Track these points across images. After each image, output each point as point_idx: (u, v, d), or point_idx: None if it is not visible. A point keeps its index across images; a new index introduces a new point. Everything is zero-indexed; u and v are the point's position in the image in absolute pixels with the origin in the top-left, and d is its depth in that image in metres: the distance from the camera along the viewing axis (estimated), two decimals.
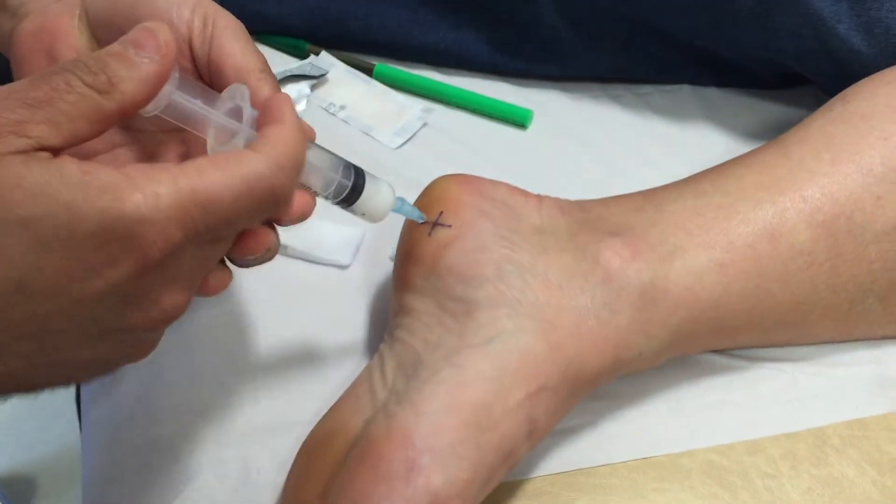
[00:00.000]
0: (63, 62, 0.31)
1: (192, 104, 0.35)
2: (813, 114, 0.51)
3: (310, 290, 0.52)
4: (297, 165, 0.34)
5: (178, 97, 0.35)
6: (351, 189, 0.41)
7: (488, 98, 0.64)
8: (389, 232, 0.55)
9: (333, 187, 0.41)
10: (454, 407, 0.39)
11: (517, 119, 0.63)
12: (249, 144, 0.33)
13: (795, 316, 0.47)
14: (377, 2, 0.65)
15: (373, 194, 0.41)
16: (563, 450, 0.45)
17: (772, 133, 0.63)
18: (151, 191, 0.30)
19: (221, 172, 0.31)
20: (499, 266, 0.43)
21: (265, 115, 0.35)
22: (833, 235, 0.46)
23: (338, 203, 0.42)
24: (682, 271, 0.44)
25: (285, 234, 0.53)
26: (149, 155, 0.42)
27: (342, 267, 0.53)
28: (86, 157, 0.35)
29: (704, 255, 0.45)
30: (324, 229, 0.54)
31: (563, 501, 0.43)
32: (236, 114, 0.36)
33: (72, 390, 0.76)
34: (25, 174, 0.28)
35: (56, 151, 0.30)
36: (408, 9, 0.65)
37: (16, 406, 1.29)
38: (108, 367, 0.34)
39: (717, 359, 0.49)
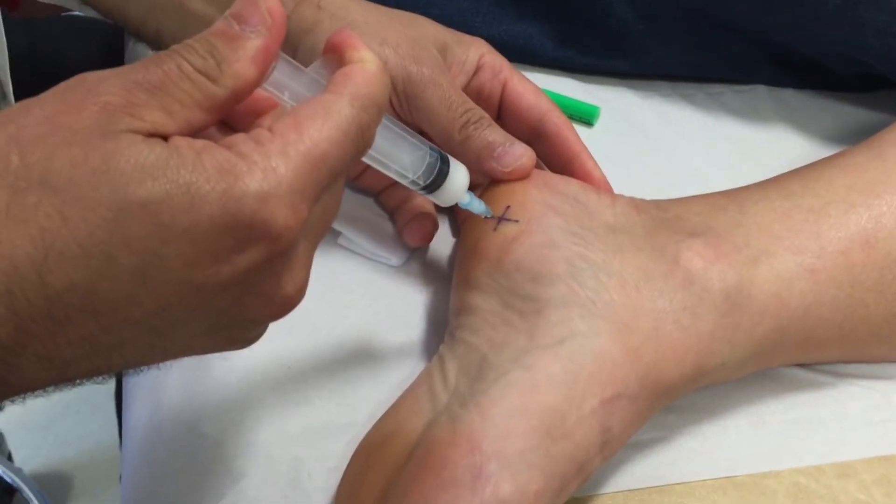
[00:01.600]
0: (175, 45, 0.29)
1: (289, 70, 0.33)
2: None
3: (365, 287, 0.49)
4: (377, 104, 0.31)
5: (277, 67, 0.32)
6: (438, 173, 0.39)
7: (553, 94, 0.61)
8: (448, 226, 0.53)
9: (422, 170, 0.39)
10: (524, 411, 0.36)
11: (584, 116, 0.60)
12: (328, 86, 0.31)
13: (890, 329, 0.44)
14: None
15: (453, 176, 0.40)
16: (636, 465, 0.42)
17: (852, 138, 0.59)
18: (268, 165, 0.28)
19: (318, 125, 0.29)
20: (571, 263, 0.40)
21: (341, 56, 0.32)
22: None
23: (422, 189, 0.40)
24: (770, 276, 0.41)
25: (342, 222, 0.51)
26: None
27: (391, 265, 0.50)
28: None
29: (793, 260, 0.42)
30: (383, 226, 0.51)
31: None
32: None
33: (111, 386, 0.74)
34: (148, 153, 0.26)
35: (168, 139, 0.28)
36: None
37: (53, 403, 1.29)
38: (212, 352, 0.32)
39: (802, 373, 0.46)
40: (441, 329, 0.45)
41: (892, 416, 0.44)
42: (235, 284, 0.28)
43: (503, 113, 0.50)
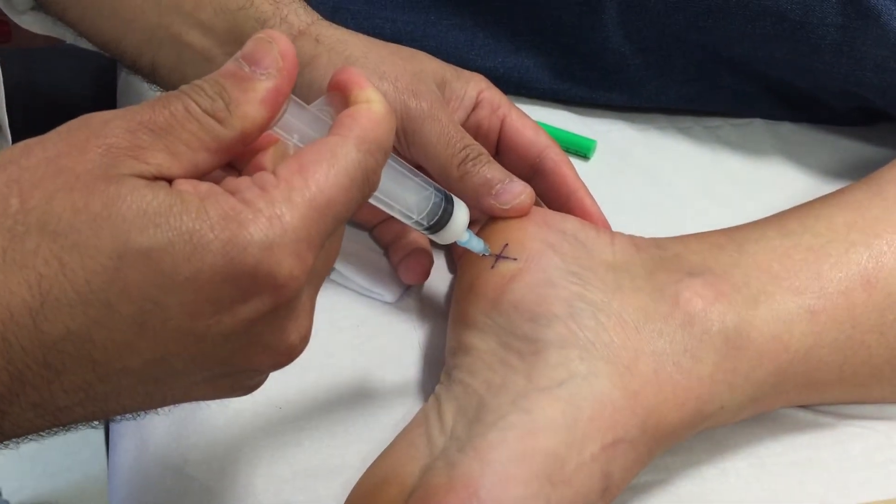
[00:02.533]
0: (183, 86, 0.29)
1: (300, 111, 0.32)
2: None
3: (358, 324, 0.48)
4: (383, 148, 0.31)
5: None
6: (443, 213, 0.38)
7: (549, 127, 0.60)
8: (444, 261, 0.52)
9: (427, 210, 0.38)
10: (523, 456, 0.35)
11: (579, 149, 0.60)
12: (333, 128, 0.30)
13: (892, 370, 0.43)
14: (434, 24, 0.63)
15: (455, 215, 0.39)
16: None
17: (852, 172, 0.59)
18: (273, 213, 0.27)
19: (324, 170, 0.28)
20: (569, 304, 0.40)
21: (346, 94, 0.32)
22: None
23: (426, 229, 0.40)
24: (769, 317, 0.41)
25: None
26: None
27: (385, 302, 0.49)
28: None
29: (793, 301, 0.41)
30: (377, 262, 0.51)
31: None
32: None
33: None
34: (151, 198, 0.26)
35: (172, 182, 0.27)
36: (465, 31, 0.63)
37: None
38: (213, 398, 0.32)
39: (802, 414, 0.45)
40: (437, 368, 0.44)
41: (895, 457, 0.44)
42: (238, 334, 0.28)
43: (501, 149, 0.50)
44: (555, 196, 0.48)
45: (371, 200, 0.37)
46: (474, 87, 0.49)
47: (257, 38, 0.30)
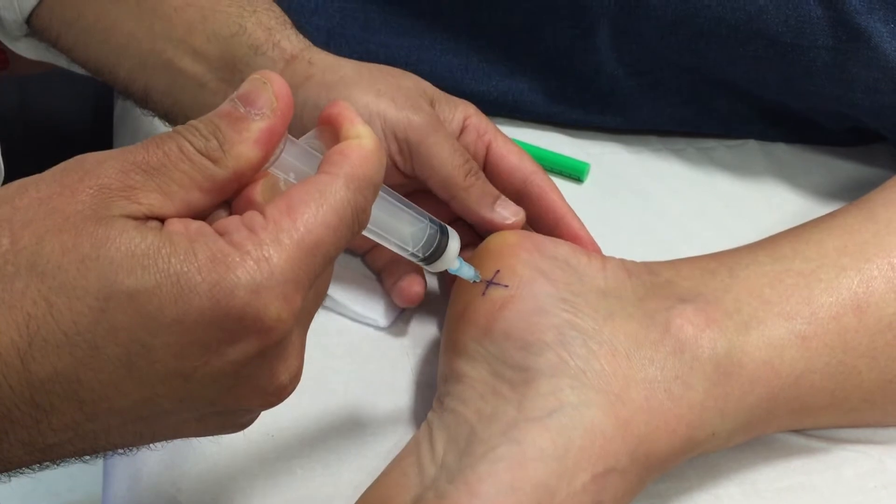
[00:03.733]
0: (177, 126, 0.29)
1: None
2: None
3: (350, 351, 0.48)
4: (373, 184, 0.31)
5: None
6: (437, 245, 0.39)
7: (542, 150, 0.61)
8: (437, 289, 0.52)
9: (423, 242, 0.39)
10: (513, 489, 0.35)
11: (573, 172, 0.60)
12: (322, 165, 0.30)
13: (883, 395, 0.43)
14: (427, 48, 0.63)
15: (448, 245, 0.40)
16: None
17: (845, 193, 0.59)
18: (261, 255, 0.27)
19: (313, 210, 0.29)
20: (560, 331, 0.40)
21: (336, 129, 0.32)
22: None
23: (421, 260, 0.40)
24: (760, 343, 0.41)
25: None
26: None
27: (378, 327, 0.49)
28: None
29: (784, 326, 0.41)
30: (370, 287, 0.51)
31: None
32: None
33: None
34: (140, 240, 0.26)
35: (164, 221, 0.28)
36: (460, 55, 0.63)
37: None
38: (203, 436, 0.32)
39: (795, 439, 0.45)
40: (430, 394, 0.44)
41: (887, 481, 0.44)
42: (226, 376, 0.28)
43: (487, 174, 0.49)
44: (543, 221, 0.48)
45: (366, 233, 0.37)
46: (461, 112, 0.49)
47: (253, 78, 0.30)
